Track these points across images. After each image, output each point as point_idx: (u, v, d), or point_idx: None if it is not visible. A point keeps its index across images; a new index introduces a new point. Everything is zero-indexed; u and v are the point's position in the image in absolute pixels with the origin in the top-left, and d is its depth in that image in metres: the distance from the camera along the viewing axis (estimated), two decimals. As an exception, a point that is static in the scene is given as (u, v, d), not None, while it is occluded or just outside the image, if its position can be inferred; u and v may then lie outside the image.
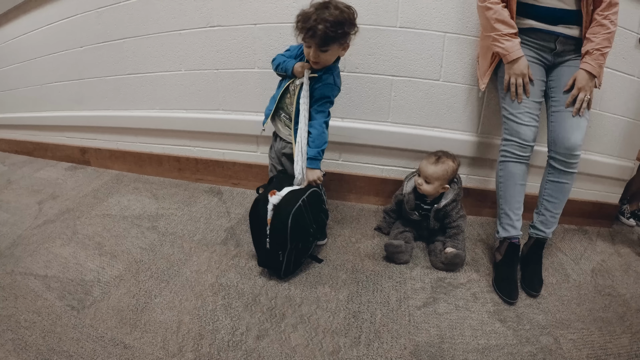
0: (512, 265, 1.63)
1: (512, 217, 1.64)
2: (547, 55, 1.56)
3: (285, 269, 1.56)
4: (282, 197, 1.51)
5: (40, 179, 2.66)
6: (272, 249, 1.53)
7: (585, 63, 1.46)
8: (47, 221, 2.06)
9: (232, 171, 2.36)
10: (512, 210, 1.64)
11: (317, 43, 1.40)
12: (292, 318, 1.40)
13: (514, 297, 1.51)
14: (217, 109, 2.22)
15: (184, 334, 1.33)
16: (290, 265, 1.57)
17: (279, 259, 1.53)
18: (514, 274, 1.60)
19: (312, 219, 1.59)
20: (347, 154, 2.12)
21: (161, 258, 1.72)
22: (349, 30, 1.44)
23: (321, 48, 1.42)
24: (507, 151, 1.60)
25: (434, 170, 1.68)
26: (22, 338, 1.31)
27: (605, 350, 1.31)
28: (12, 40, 2.74)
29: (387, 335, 1.34)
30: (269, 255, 1.55)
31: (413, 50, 1.83)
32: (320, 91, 1.54)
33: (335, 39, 1.41)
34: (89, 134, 2.75)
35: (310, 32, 1.38)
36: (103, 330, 1.34)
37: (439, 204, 1.72)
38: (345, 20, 1.40)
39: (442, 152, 1.74)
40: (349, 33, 1.45)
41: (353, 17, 1.44)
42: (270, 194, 1.52)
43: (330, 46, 1.43)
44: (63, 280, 1.60)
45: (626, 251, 1.89)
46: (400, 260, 1.69)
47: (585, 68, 1.46)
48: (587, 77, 1.46)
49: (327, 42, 1.40)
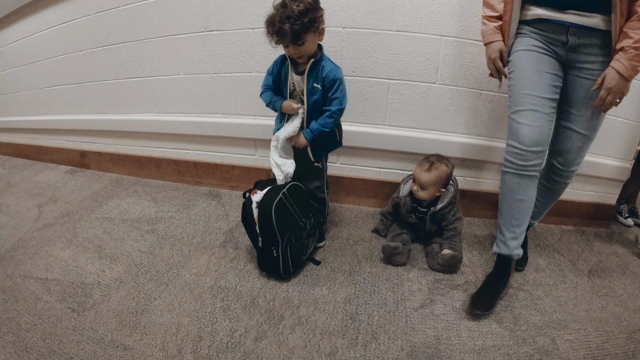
0: (494, 280, 1.52)
1: (505, 234, 1.47)
2: (559, 50, 1.32)
3: (283, 267, 1.58)
4: (263, 194, 1.54)
5: (40, 182, 2.67)
6: (264, 246, 1.56)
7: (617, 61, 1.18)
8: (47, 224, 2.07)
9: (231, 174, 2.37)
10: (507, 226, 1.46)
11: (290, 41, 1.42)
12: (290, 320, 1.41)
13: (476, 308, 1.43)
14: (215, 113, 2.24)
15: (183, 335, 1.34)
16: (287, 262, 1.58)
17: (274, 255, 1.55)
18: (492, 289, 1.49)
19: (300, 213, 1.62)
20: (344, 157, 2.14)
21: (160, 261, 1.73)
22: (314, 16, 1.43)
23: (296, 43, 1.43)
24: (506, 159, 1.39)
25: (427, 178, 1.68)
26: (23, 340, 1.32)
27: (602, 350, 1.32)
28: (12, 44, 2.76)
29: (384, 337, 1.34)
30: (264, 253, 1.58)
31: (410, 53, 1.85)
32: (329, 80, 1.53)
33: (305, 30, 1.41)
34: (88, 137, 2.76)
35: (279, 35, 1.41)
36: (103, 332, 1.35)
37: (436, 207, 1.73)
38: (307, 9, 1.40)
39: (435, 157, 1.74)
40: (316, 18, 1.44)
41: (314, 2, 1.44)
42: (252, 194, 1.56)
43: (304, 38, 1.42)
44: (63, 283, 1.61)
45: (623, 252, 1.89)
46: (397, 262, 1.70)
47: (616, 67, 1.18)
48: (618, 78, 1.18)
49: (299, 36, 1.41)
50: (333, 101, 1.55)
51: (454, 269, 1.68)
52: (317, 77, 1.53)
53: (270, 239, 1.54)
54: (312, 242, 1.74)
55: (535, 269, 1.73)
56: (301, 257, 1.67)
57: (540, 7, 1.29)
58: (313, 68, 1.52)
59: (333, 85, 1.53)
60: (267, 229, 1.52)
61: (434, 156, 1.75)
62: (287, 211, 1.55)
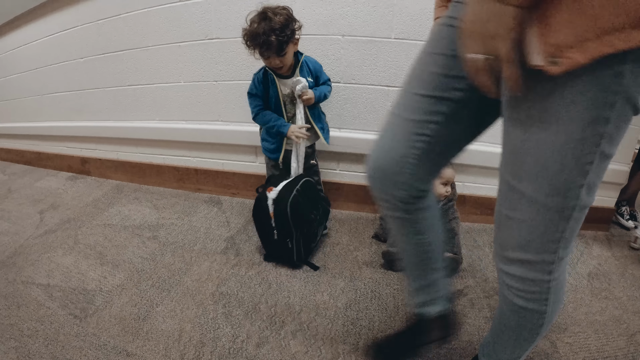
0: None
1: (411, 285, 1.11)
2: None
3: (297, 255, 1.70)
4: (278, 191, 1.65)
5: (41, 188, 2.68)
6: (280, 239, 1.68)
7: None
8: (48, 231, 2.08)
9: (232, 181, 2.38)
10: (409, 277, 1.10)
11: (274, 53, 1.52)
12: (291, 325, 1.42)
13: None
14: (216, 120, 2.25)
15: (186, 342, 1.34)
16: (300, 250, 1.70)
17: (288, 246, 1.68)
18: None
19: (312, 206, 1.75)
20: (344, 164, 2.15)
21: (162, 267, 1.74)
22: (294, 28, 1.55)
23: (280, 54, 1.54)
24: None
25: (451, 173, 1.74)
26: (25, 346, 1.32)
27: (602, 353, 1.32)
28: (14, 50, 2.78)
29: (385, 342, 1.35)
30: (279, 245, 1.70)
31: (408, 60, 1.86)
32: (316, 70, 1.77)
33: (288, 41, 1.53)
34: (89, 144, 2.78)
35: (265, 46, 1.50)
36: (106, 338, 1.36)
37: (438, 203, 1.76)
38: (288, 21, 1.51)
39: None
40: (294, 29, 1.56)
41: (291, 14, 1.55)
42: (268, 191, 1.64)
43: (286, 49, 1.54)
44: (65, 289, 1.62)
45: (622, 254, 1.90)
46: (398, 267, 1.71)
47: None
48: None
49: (283, 47, 1.52)
50: (325, 83, 1.80)
51: (454, 272, 1.69)
52: (307, 73, 1.72)
53: (285, 232, 1.66)
54: (321, 230, 1.87)
55: (534, 274, 1.74)
56: (311, 244, 1.79)
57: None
58: (302, 69, 1.69)
59: (320, 72, 1.78)
60: (283, 224, 1.65)
61: None
62: (301, 207, 1.66)
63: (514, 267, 0.79)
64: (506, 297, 0.85)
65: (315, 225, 1.78)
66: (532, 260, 0.76)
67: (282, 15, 1.50)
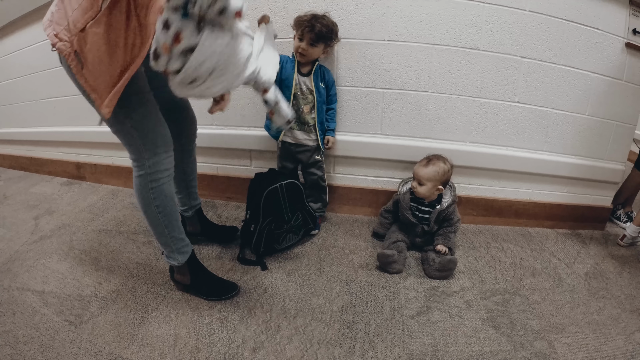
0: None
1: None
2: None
3: (255, 243, 1.77)
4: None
5: (36, 194, 2.67)
6: (247, 220, 1.82)
7: None
8: (43, 237, 2.07)
9: (226, 185, 2.37)
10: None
11: (311, 37, 1.68)
12: (287, 330, 1.41)
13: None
14: (210, 124, 2.24)
15: (181, 347, 1.34)
16: (260, 241, 1.77)
17: (250, 229, 1.79)
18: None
19: (289, 208, 1.82)
20: (340, 166, 2.15)
21: (157, 272, 1.73)
22: (334, 37, 1.76)
23: (313, 42, 1.70)
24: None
25: (425, 172, 1.75)
26: (21, 353, 1.31)
27: (600, 352, 1.33)
28: (8, 56, 2.76)
29: (381, 345, 1.35)
30: (246, 226, 1.83)
31: (402, 62, 1.87)
32: (331, 81, 1.89)
33: (325, 37, 1.71)
34: (84, 149, 2.76)
35: (308, 27, 1.67)
36: (101, 344, 1.35)
37: (442, 204, 1.78)
38: (333, 29, 1.74)
39: (434, 155, 1.82)
40: (333, 39, 1.77)
41: (337, 30, 1.77)
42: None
43: (319, 43, 1.72)
44: (60, 295, 1.61)
45: (619, 253, 1.91)
46: (393, 269, 1.71)
47: None
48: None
49: (319, 39, 1.70)
50: (332, 97, 1.92)
51: (450, 272, 1.70)
52: (321, 79, 1.84)
53: (253, 215, 1.79)
54: (291, 239, 1.88)
55: (531, 274, 1.74)
56: (275, 245, 1.82)
57: None
58: (317, 71, 1.81)
59: (331, 85, 1.90)
60: (253, 205, 1.78)
61: (432, 155, 1.83)
62: (277, 200, 1.77)
63: None
64: None
65: (285, 227, 1.81)
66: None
67: (332, 23, 1.73)
